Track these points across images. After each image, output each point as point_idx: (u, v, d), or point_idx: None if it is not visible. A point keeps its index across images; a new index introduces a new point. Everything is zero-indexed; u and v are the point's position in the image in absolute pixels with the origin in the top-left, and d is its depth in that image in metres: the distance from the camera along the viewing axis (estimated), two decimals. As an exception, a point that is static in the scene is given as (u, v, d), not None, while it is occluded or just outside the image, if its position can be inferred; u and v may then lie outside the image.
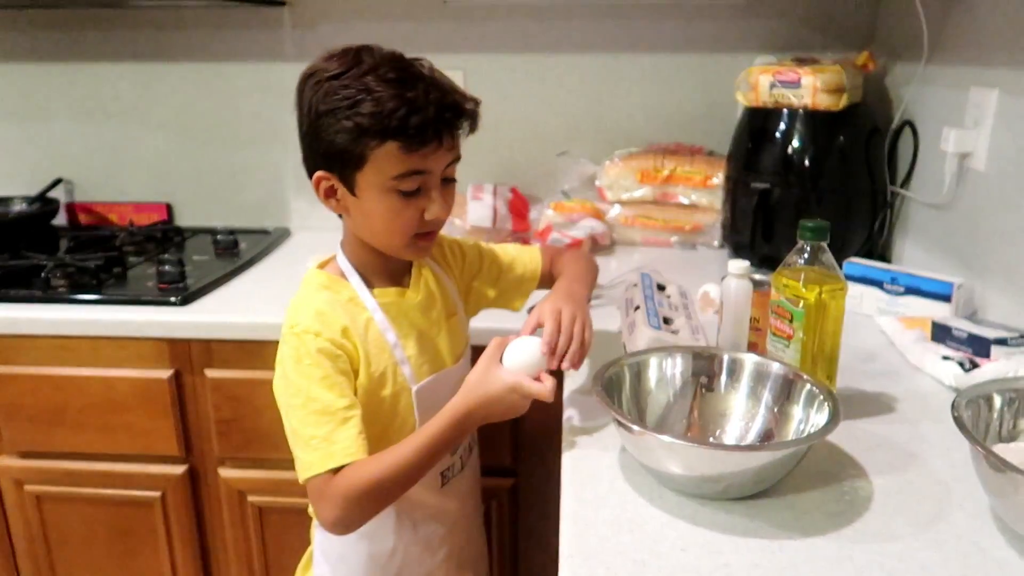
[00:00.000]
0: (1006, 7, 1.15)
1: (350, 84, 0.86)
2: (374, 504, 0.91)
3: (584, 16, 1.74)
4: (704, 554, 0.70)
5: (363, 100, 0.85)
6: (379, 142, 0.86)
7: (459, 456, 1.07)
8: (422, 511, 1.04)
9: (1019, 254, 1.10)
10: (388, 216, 0.91)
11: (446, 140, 0.89)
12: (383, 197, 0.90)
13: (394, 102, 0.84)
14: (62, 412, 1.39)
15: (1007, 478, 0.66)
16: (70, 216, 1.94)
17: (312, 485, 0.89)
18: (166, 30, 1.81)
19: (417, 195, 0.91)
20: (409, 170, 0.88)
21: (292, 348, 0.93)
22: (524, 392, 0.89)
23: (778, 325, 0.94)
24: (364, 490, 0.88)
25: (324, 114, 0.87)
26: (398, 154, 0.86)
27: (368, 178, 0.89)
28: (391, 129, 0.85)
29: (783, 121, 1.46)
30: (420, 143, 0.86)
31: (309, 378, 0.90)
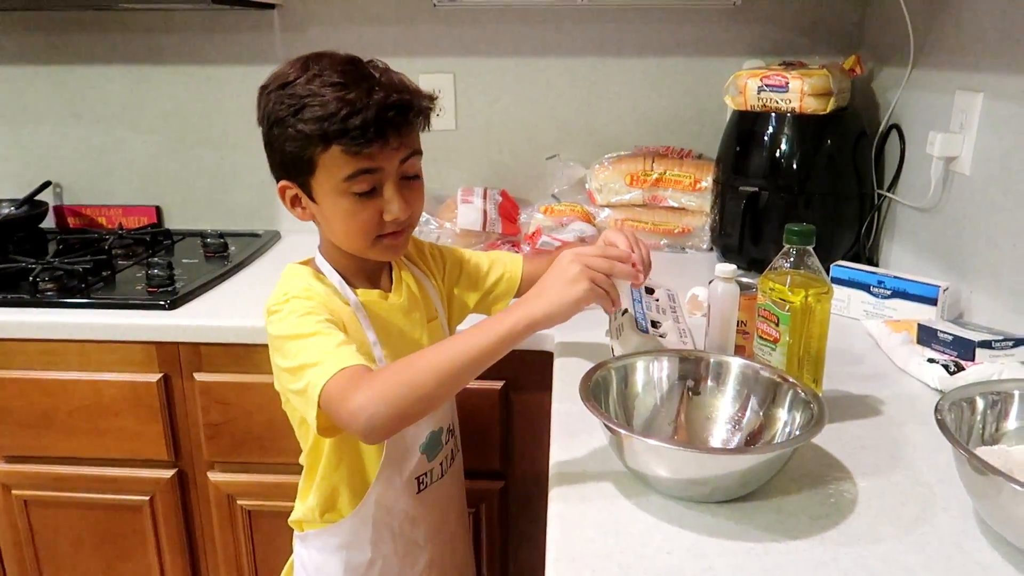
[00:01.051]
0: (991, 12, 1.16)
1: (296, 91, 0.87)
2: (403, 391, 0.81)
3: (574, 20, 1.75)
4: (689, 557, 0.70)
5: (306, 106, 0.86)
6: (324, 147, 0.87)
7: (438, 463, 1.07)
8: (400, 519, 1.03)
9: (1003, 257, 1.11)
10: (345, 219, 0.92)
11: (392, 138, 0.88)
12: (338, 200, 0.90)
13: (335, 104, 0.85)
14: (50, 416, 1.39)
15: (989, 481, 0.66)
16: (59, 219, 1.93)
17: (329, 392, 0.82)
18: (155, 33, 1.81)
19: (372, 195, 0.91)
20: (356, 170, 0.88)
21: (283, 312, 0.91)
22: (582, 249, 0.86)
23: (764, 328, 0.95)
24: (391, 373, 0.83)
25: (275, 124, 0.90)
26: (343, 156, 0.87)
27: (321, 183, 0.90)
28: (332, 132, 0.85)
29: (771, 125, 1.47)
30: (363, 143, 0.86)
31: (305, 323, 0.88)
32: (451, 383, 0.83)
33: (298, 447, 1.37)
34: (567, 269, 0.84)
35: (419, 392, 0.81)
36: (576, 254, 0.85)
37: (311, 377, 0.84)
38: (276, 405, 1.35)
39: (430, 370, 0.82)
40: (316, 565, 1.05)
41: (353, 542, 1.02)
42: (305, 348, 0.87)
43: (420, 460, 1.03)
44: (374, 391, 0.80)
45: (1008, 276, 1.10)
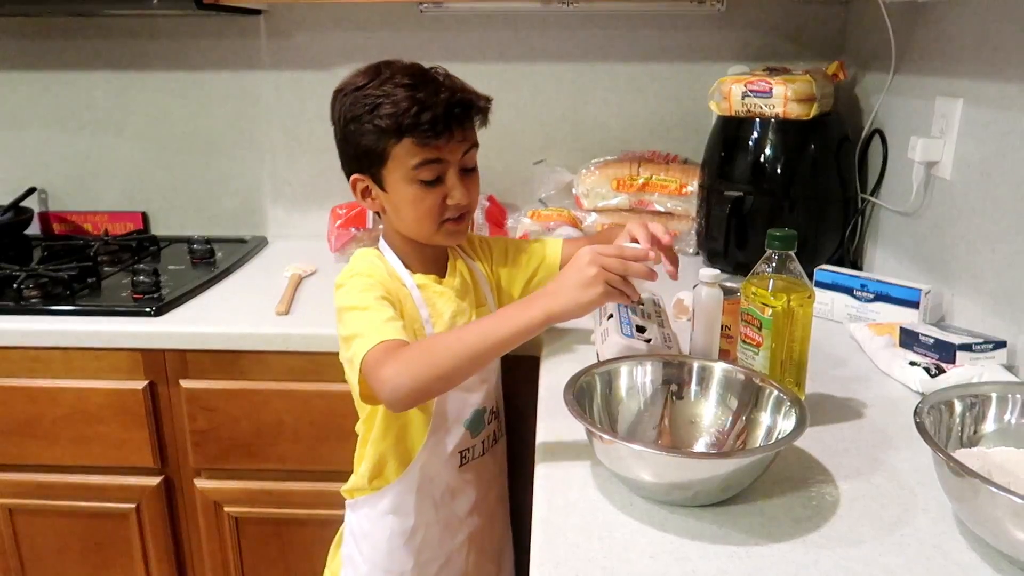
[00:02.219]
0: (970, 19, 1.17)
1: (370, 92, 0.99)
2: (426, 365, 0.89)
3: (560, 25, 1.76)
4: (672, 561, 0.70)
5: (381, 104, 0.97)
6: (397, 139, 0.98)
7: (480, 440, 1.12)
8: (441, 489, 1.10)
9: (983, 261, 1.13)
10: (414, 204, 1.02)
11: (456, 132, 1.00)
12: (407, 187, 1.01)
13: (407, 102, 0.96)
14: (35, 424, 1.38)
15: (966, 483, 0.67)
16: (44, 226, 1.92)
17: (368, 361, 0.92)
18: (141, 38, 1.81)
19: (437, 183, 1.02)
20: (425, 160, 0.99)
21: (347, 287, 1.02)
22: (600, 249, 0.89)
23: (748, 333, 0.96)
24: (418, 349, 0.91)
25: (351, 121, 1.00)
26: (414, 147, 0.98)
27: (392, 173, 1.01)
28: (405, 126, 0.97)
29: (755, 130, 1.48)
30: (432, 136, 0.97)
31: (362, 297, 0.99)
32: (469, 365, 0.91)
33: (287, 453, 1.38)
34: (584, 271, 0.88)
35: (438, 370, 0.89)
36: (594, 255, 0.88)
37: (356, 347, 0.94)
38: (263, 411, 1.36)
39: (450, 352, 0.89)
40: (364, 532, 1.12)
41: (399, 507, 1.09)
42: (358, 320, 0.97)
43: (464, 435, 1.10)
44: (400, 365, 0.90)
45: (988, 280, 1.11)
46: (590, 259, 0.88)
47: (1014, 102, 1.06)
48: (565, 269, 0.91)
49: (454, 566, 1.14)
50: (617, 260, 0.88)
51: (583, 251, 0.89)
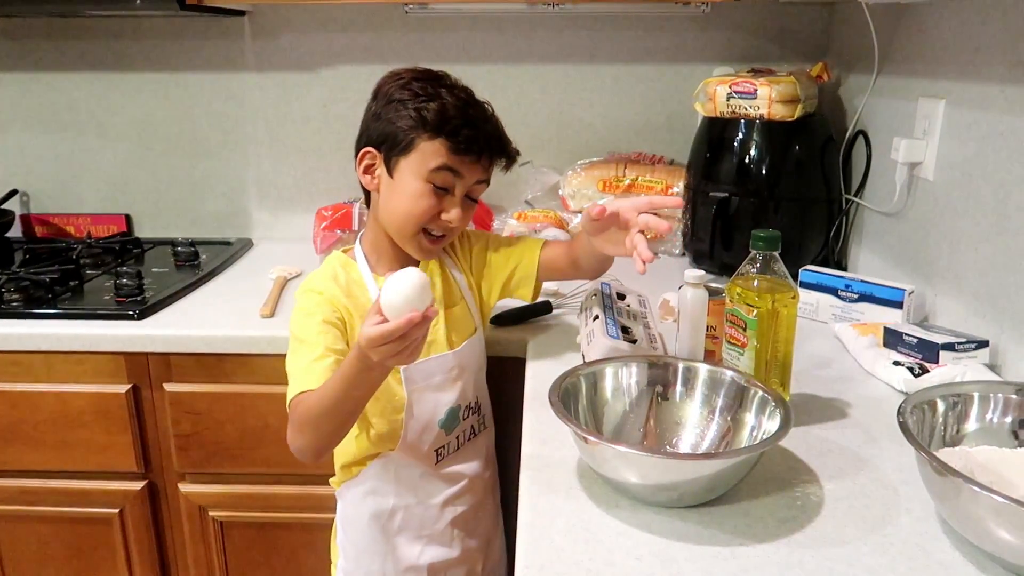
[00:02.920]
0: (951, 21, 1.18)
1: (427, 86, 1.02)
2: (311, 429, 0.94)
3: (545, 27, 1.76)
4: (657, 562, 0.70)
5: (433, 100, 1.00)
6: (431, 136, 1.00)
7: (455, 436, 1.12)
8: (418, 475, 1.11)
9: (966, 261, 1.13)
10: (413, 198, 1.02)
11: (484, 159, 1.04)
12: (416, 182, 1.02)
13: (456, 111, 1.00)
14: (16, 429, 1.37)
15: (949, 482, 0.67)
16: (25, 228, 1.90)
17: (289, 411, 0.97)
18: (124, 39, 1.79)
19: (444, 194, 1.03)
20: (446, 165, 1.01)
21: (297, 305, 1.04)
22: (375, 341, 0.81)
23: (732, 333, 0.96)
24: (301, 413, 0.94)
25: (396, 100, 1.02)
26: (443, 150, 1.01)
27: (410, 164, 1.02)
28: (445, 130, 1.00)
29: (740, 131, 1.48)
30: (465, 150, 1.01)
31: (304, 325, 1.01)
32: (347, 418, 0.94)
33: (272, 456, 1.37)
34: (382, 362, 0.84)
35: (322, 431, 0.94)
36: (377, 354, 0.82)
37: (288, 388, 0.97)
38: (247, 415, 1.35)
39: (327, 415, 0.92)
40: (348, 518, 1.14)
41: (377, 489, 1.10)
42: (293, 355, 1.00)
43: (439, 434, 1.10)
44: (294, 427, 0.95)
45: (970, 280, 1.12)
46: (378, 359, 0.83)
47: (995, 103, 1.07)
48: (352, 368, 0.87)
49: (437, 550, 1.13)
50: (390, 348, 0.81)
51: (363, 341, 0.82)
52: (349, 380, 0.88)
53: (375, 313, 0.82)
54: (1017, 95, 1.02)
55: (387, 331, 0.80)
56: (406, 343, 0.81)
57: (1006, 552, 0.66)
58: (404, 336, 0.80)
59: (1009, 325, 1.03)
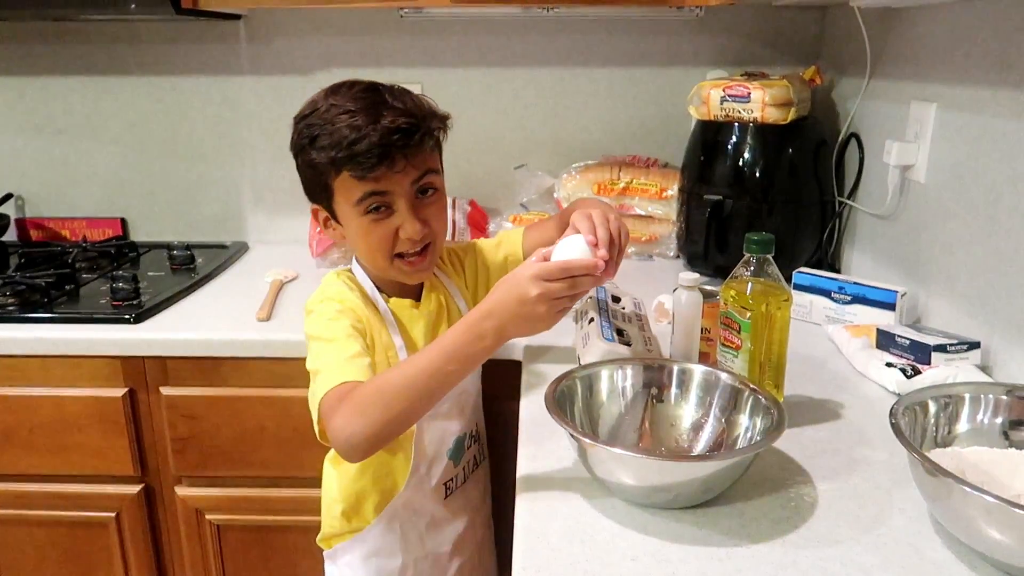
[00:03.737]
0: (943, 25, 1.19)
1: (314, 120, 0.92)
2: (378, 409, 0.82)
3: (540, 31, 1.76)
4: (653, 563, 0.71)
5: (319, 136, 0.91)
6: (336, 173, 0.92)
7: (461, 468, 1.09)
8: (426, 521, 1.05)
9: (958, 263, 1.14)
10: (364, 237, 0.96)
11: (398, 161, 0.91)
12: (355, 220, 0.95)
13: (342, 132, 0.89)
14: (12, 433, 1.37)
15: (940, 483, 0.68)
16: (21, 232, 1.90)
17: (324, 404, 0.86)
18: (119, 43, 1.79)
19: (387, 215, 0.95)
20: (364, 193, 0.93)
21: (316, 313, 0.97)
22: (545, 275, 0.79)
23: (726, 336, 0.97)
24: (365, 394, 0.83)
25: (298, 153, 0.96)
26: (352, 181, 0.92)
27: (340, 205, 0.96)
28: (340, 159, 0.90)
29: (734, 134, 1.49)
30: (368, 168, 0.90)
31: (330, 327, 0.94)
32: (424, 404, 0.84)
33: (269, 460, 1.37)
34: (532, 307, 0.79)
35: (392, 413, 0.82)
36: (541, 287, 0.79)
37: (317, 385, 0.89)
38: (244, 418, 1.35)
39: (405, 393, 0.82)
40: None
41: (382, 547, 1.03)
42: (322, 353, 0.92)
43: (448, 465, 1.06)
44: (352, 411, 0.82)
45: (962, 281, 1.13)
46: (537, 295, 0.79)
47: (986, 107, 1.08)
48: (507, 291, 0.81)
49: None
50: (564, 284, 0.80)
51: (525, 280, 0.80)
52: (447, 352, 0.81)
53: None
54: (1007, 98, 1.03)
55: (565, 266, 0.80)
56: (575, 289, 0.80)
57: (997, 551, 0.67)
58: (575, 282, 0.80)
59: (1000, 327, 1.04)
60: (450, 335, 0.83)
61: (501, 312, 0.81)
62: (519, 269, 0.82)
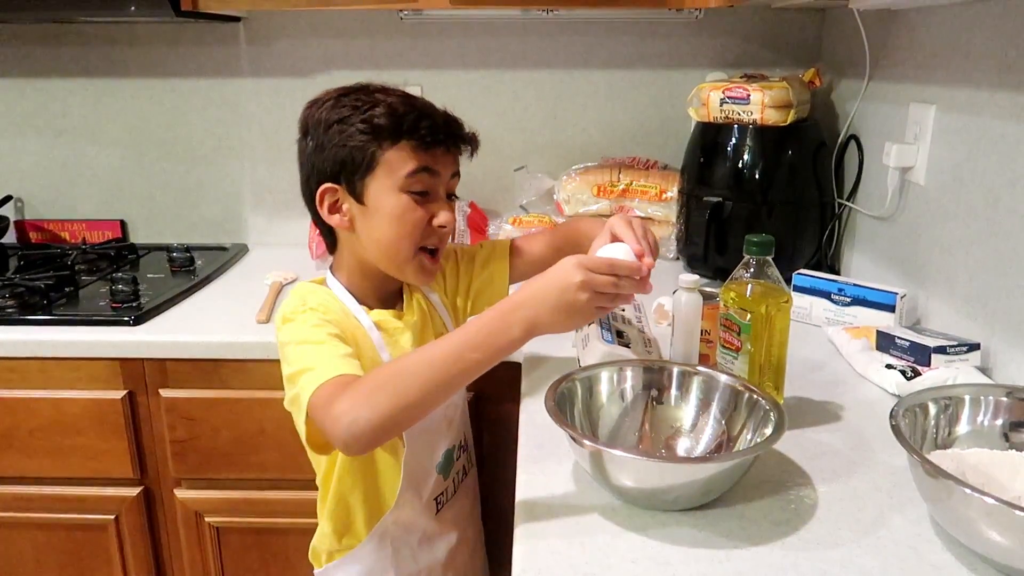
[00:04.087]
0: (941, 27, 1.19)
1: (360, 97, 0.92)
2: (389, 395, 0.77)
3: (539, 33, 1.76)
4: (653, 566, 0.71)
5: (376, 105, 0.90)
6: (392, 142, 0.90)
7: (451, 480, 1.07)
8: (418, 537, 1.03)
9: (957, 265, 1.14)
10: (399, 218, 0.92)
11: (452, 147, 0.94)
12: (394, 198, 0.92)
13: (405, 107, 0.91)
14: (11, 436, 1.37)
15: (941, 484, 0.68)
16: (20, 234, 1.90)
17: (318, 397, 0.80)
18: (119, 45, 1.80)
19: (426, 199, 0.94)
20: (422, 166, 0.91)
21: (298, 321, 0.91)
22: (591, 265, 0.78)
23: (726, 337, 0.97)
24: (375, 380, 0.79)
25: (336, 122, 0.91)
26: (412, 152, 0.91)
27: (379, 181, 0.92)
28: (404, 130, 0.90)
29: (734, 136, 1.49)
30: (432, 143, 0.91)
31: (316, 332, 0.88)
32: (440, 393, 0.80)
33: (268, 462, 1.37)
34: (574, 295, 0.77)
35: (405, 400, 0.77)
36: (585, 275, 0.78)
37: (304, 382, 0.83)
38: (243, 420, 1.35)
39: (418, 379, 0.78)
40: None
41: (375, 566, 1.01)
42: (309, 354, 0.86)
43: (437, 480, 1.03)
44: (357, 397, 0.78)
45: (962, 283, 1.13)
46: (581, 282, 0.77)
47: (985, 108, 1.08)
48: (547, 280, 0.79)
49: None
50: (609, 280, 0.79)
51: (570, 267, 0.78)
52: (470, 339, 0.78)
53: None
54: (1006, 100, 1.03)
55: (612, 263, 0.79)
56: (618, 288, 0.79)
57: (997, 553, 0.67)
58: (619, 282, 0.79)
59: (1000, 328, 1.04)
60: (475, 323, 0.80)
61: (537, 302, 0.78)
62: (560, 261, 0.80)
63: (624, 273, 0.80)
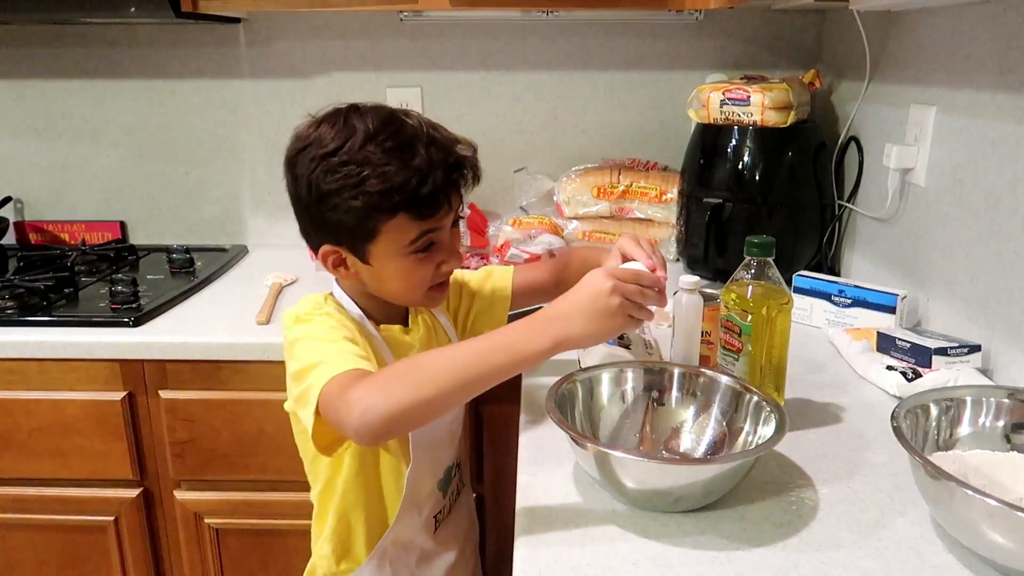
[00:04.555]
0: (942, 29, 1.20)
1: (350, 160, 0.84)
2: (407, 388, 0.76)
3: (539, 34, 1.76)
4: (654, 567, 0.71)
5: (368, 176, 0.83)
6: (390, 216, 0.85)
7: (449, 498, 1.07)
8: (416, 556, 1.02)
9: (958, 266, 1.14)
10: (404, 277, 0.91)
11: (455, 200, 0.90)
12: (398, 261, 0.90)
13: (401, 175, 0.83)
14: (10, 437, 1.36)
15: (942, 486, 0.68)
16: (20, 235, 1.90)
17: (330, 389, 0.79)
18: (119, 47, 1.79)
19: (432, 249, 0.91)
20: (421, 232, 0.88)
21: (313, 323, 0.89)
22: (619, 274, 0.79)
23: (727, 339, 0.96)
24: (394, 373, 0.78)
25: (329, 194, 0.85)
26: (410, 223, 0.87)
27: (381, 248, 0.89)
28: (401, 203, 0.84)
29: (734, 137, 1.49)
30: (431, 211, 0.87)
31: (332, 333, 0.87)
32: (458, 393, 0.78)
33: (268, 463, 1.37)
34: (607, 300, 0.78)
35: (421, 396, 0.75)
36: (615, 282, 0.79)
37: (316, 375, 0.81)
38: (243, 422, 1.35)
39: (438, 376, 0.76)
40: None
41: None
42: (322, 349, 0.84)
43: (437, 497, 1.03)
44: (373, 386, 0.76)
45: (962, 284, 1.13)
46: (612, 287, 0.78)
47: (986, 110, 1.08)
48: (578, 291, 0.80)
49: None
50: (636, 288, 0.80)
51: (599, 275, 0.79)
52: (496, 342, 0.78)
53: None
54: (1007, 102, 1.03)
55: (636, 273, 0.81)
56: (643, 298, 0.80)
57: (999, 555, 0.67)
58: (643, 291, 0.80)
59: (1000, 329, 1.04)
60: (503, 329, 0.80)
61: (569, 312, 0.78)
62: (588, 274, 0.81)
63: (647, 283, 0.81)
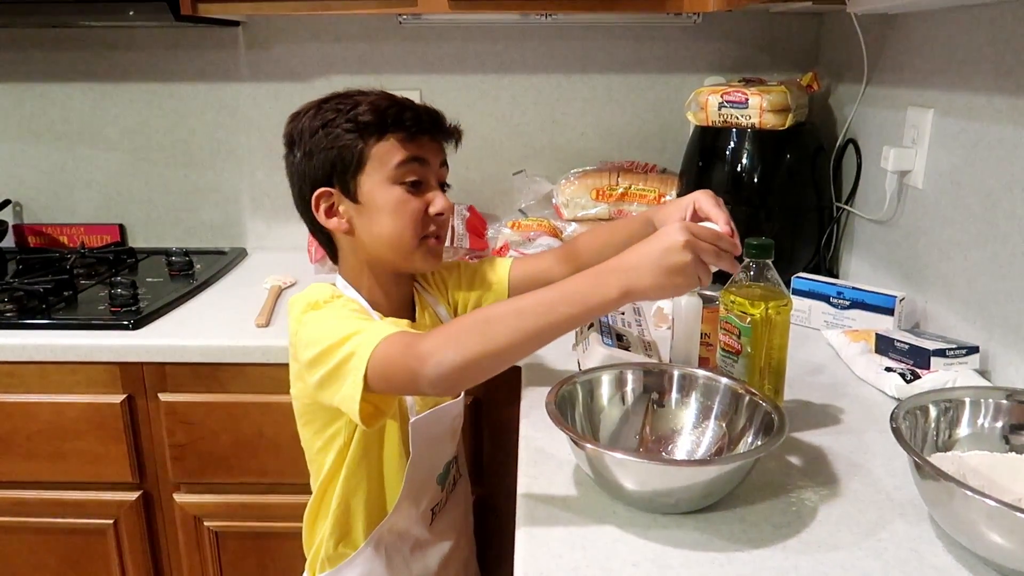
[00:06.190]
0: (939, 31, 1.20)
1: (341, 100, 0.94)
2: (478, 338, 0.77)
3: (538, 37, 1.77)
4: (654, 569, 0.71)
5: (359, 104, 0.93)
6: (379, 136, 0.92)
7: (446, 491, 1.07)
8: (411, 546, 1.03)
9: (955, 268, 1.15)
10: (396, 208, 0.94)
11: (436, 136, 0.97)
12: (388, 191, 0.94)
13: (386, 102, 0.93)
14: (10, 440, 1.36)
15: (942, 487, 0.68)
16: (19, 238, 1.90)
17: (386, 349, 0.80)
18: (118, 49, 1.80)
19: (419, 189, 0.95)
20: (410, 156, 0.93)
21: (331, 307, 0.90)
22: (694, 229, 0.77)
23: (727, 340, 0.97)
24: (467, 322, 0.80)
25: (322, 127, 0.93)
26: (399, 144, 0.93)
27: (371, 177, 0.93)
28: (389, 123, 0.92)
29: (732, 140, 1.50)
30: (417, 132, 0.94)
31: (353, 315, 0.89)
32: (527, 344, 0.78)
33: (267, 466, 1.37)
34: (677, 255, 0.75)
35: (493, 346, 0.76)
36: (690, 237, 0.75)
37: (355, 345, 0.81)
38: (243, 424, 1.35)
39: (508, 327, 0.77)
40: None
41: (370, 573, 1.01)
42: (352, 323, 0.85)
43: (435, 490, 1.05)
44: (446, 336, 0.78)
45: (960, 286, 1.14)
46: (685, 241, 0.75)
47: (983, 113, 1.08)
48: (650, 242, 0.77)
49: None
50: (712, 249, 0.77)
51: (675, 228, 0.76)
52: (563, 293, 0.77)
53: None
54: (1004, 104, 1.03)
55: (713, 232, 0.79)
56: (717, 259, 0.77)
57: (999, 556, 0.67)
58: (718, 252, 0.77)
59: (998, 331, 1.05)
60: (569, 281, 0.78)
61: (637, 264, 0.76)
62: (664, 227, 0.78)
63: (725, 247, 0.78)
